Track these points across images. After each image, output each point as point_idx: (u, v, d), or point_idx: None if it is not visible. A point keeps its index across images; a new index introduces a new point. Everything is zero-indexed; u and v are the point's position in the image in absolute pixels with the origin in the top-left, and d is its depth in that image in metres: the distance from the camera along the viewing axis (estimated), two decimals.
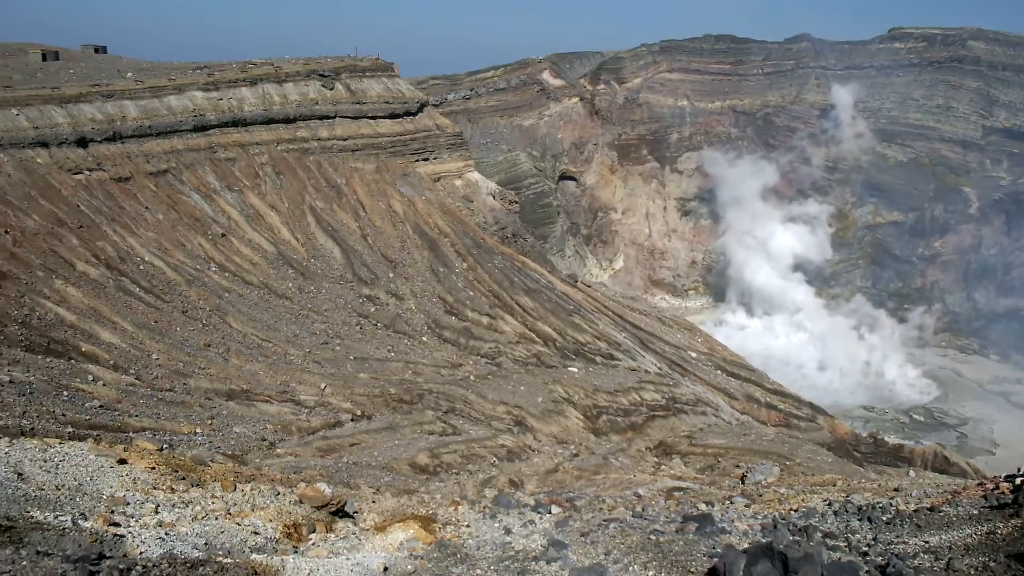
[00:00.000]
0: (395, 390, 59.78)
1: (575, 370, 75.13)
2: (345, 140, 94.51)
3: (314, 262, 78.58)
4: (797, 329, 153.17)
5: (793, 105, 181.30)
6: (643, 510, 21.22)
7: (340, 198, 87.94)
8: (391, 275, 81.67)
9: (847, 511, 18.45)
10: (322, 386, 57.21)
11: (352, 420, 52.40)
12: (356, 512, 19.13)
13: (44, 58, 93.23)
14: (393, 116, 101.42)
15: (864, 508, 18.34)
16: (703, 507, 22.00)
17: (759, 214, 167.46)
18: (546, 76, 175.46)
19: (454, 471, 46.11)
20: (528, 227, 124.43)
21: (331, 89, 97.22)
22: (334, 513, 17.68)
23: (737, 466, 51.71)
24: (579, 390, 69.14)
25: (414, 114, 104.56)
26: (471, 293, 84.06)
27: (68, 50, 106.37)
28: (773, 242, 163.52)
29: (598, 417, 66.89)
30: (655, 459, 59.04)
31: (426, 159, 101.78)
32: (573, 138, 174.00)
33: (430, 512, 20.09)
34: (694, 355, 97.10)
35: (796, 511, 19.67)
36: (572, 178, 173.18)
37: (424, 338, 74.62)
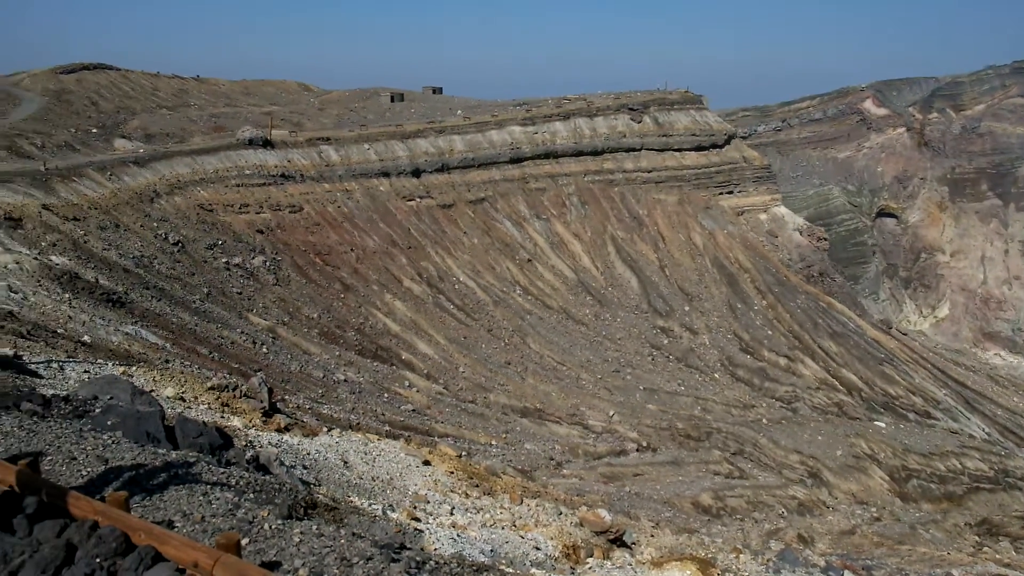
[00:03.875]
0: (683, 425, 58.90)
1: (882, 425, 68.27)
2: (649, 172, 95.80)
3: (611, 290, 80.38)
4: None
5: None
6: None
7: (641, 229, 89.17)
8: (687, 308, 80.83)
9: None
10: (610, 413, 58.14)
11: (637, 450, 52.55)
12: (634, 543, 19.20)
13: (392, 100, 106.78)
14: (699, 148, 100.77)
15: None
16: None
17: None
18: (868, 105, 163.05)
19: (738, 516, 44.19)
20: (838, 266, 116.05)
21: (639, 122, 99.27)
22: (612, 541, 17.91)
23: None
24: (886, 448, 62.67)
25: (721, 146, 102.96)
26: (769, 332, 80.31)
27: (412, 92, 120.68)
28: None
29: (907, 480, 60.04)
30: (976, 538, 51.49)
31: (730, 192, 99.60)
32: (896, 171, 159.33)
33: (709, 555, 19.53)
34: None
35: None
36: (892, 215, 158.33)
37: (716, 375, 72.67)
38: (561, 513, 18.45)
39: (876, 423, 68.77)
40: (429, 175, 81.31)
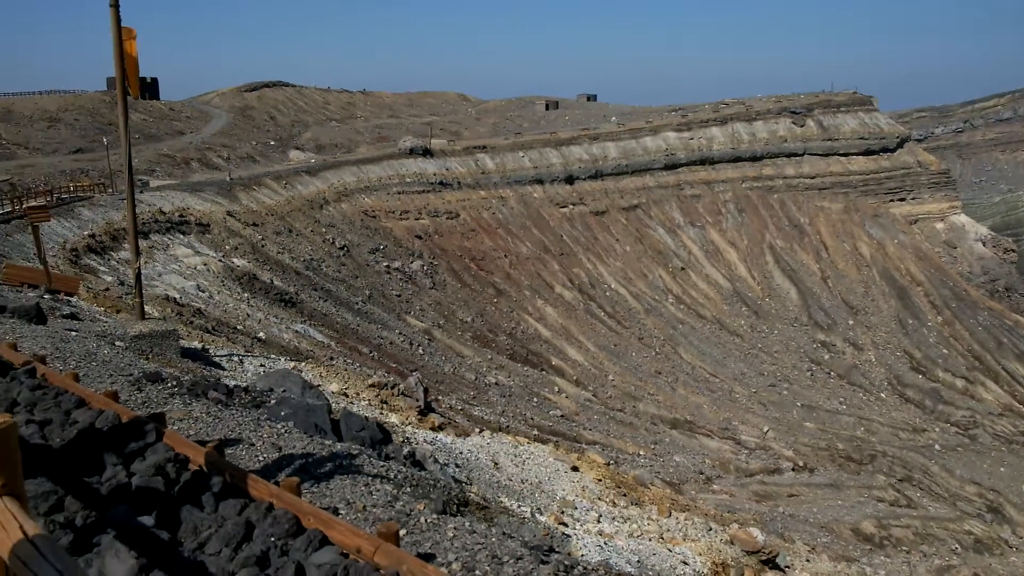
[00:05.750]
0: (843, 446, 55.69)
1: None
2: (812, 178, 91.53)
3: (768, 301, 77.35)
4: None
5: None
6: None
7: (802, 237, 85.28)
8: (851, 322, 76.42)
9: None
10: (764, 429, 55.91)
11: (793, 470, 50.19)
12: (787, 567, 18.41)
13: (547, 107, 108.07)
14: (868, 152, 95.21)
15: None
16: None
17: None
18: None
19: (903, 548, 41.22)
20: None
21: (801, 126, 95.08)
22: (764, 562, 17.26)
23: None
24: None
25: (892, 150, 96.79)
26: (944, 351, 74.41)
27: (566, 99, 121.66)
28: None
29: None
30: None
31: (902, 199, 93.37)
32: None
33: None
34: None
35: None
36: None
37: (882, 394, 68.18)
38: (711, 529, 17.97)
39: None
40: (582, 182, 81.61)
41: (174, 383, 10.55)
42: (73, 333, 13.97)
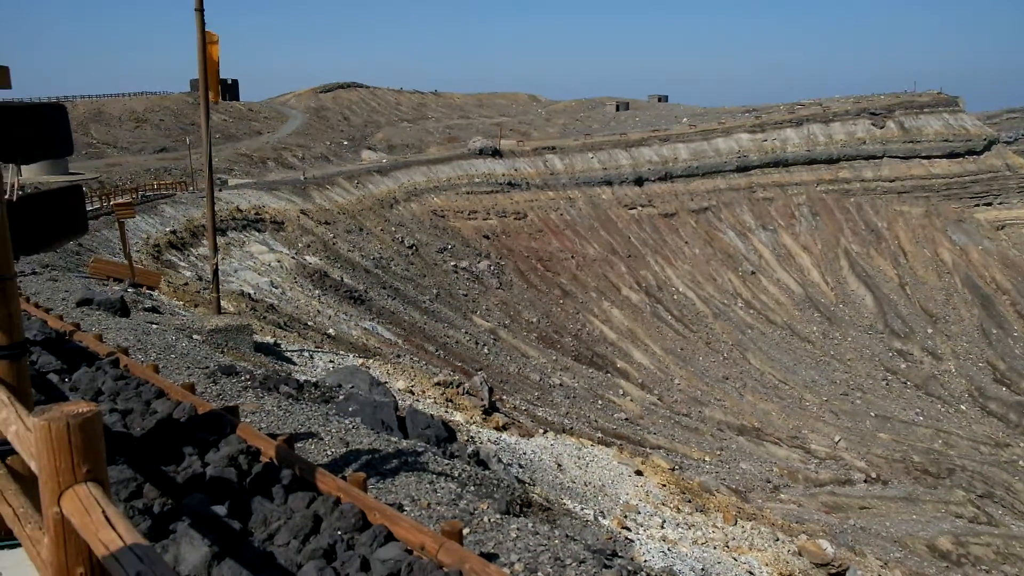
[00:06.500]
0: (919, 458, 53.69)
1: None
2: (891, 181, 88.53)
3: (842, 308, 75.16)
4: None
5: None
6: None
7: (879, 242, 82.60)
8: (929, 331, 73.65)
9: None
10: (836, 439, 54.35)
11: (865, 481, 48.64)
12: None
13: (617, 108, 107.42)
14: (952, 155, 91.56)
15: None
16: None
17: None
18: None
19: (983, 567, 39.51)
20: None
21: (881, 127, 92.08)
22: (834, 575, 16.81)
23: None
24: None
25: (979, 153, 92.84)
26: None
27: (636, 100, 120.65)
28: None
29: None
30: None
31: (988, 203, 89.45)
32: None
33: None
34: None
35: None
36: None
37: (963, 406, 65.48)
38: (778, 539, 17.58)
39: None
40: (651, 184, 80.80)
41: (247, 377, 10.86)
42: (154, 326, 14.53)
